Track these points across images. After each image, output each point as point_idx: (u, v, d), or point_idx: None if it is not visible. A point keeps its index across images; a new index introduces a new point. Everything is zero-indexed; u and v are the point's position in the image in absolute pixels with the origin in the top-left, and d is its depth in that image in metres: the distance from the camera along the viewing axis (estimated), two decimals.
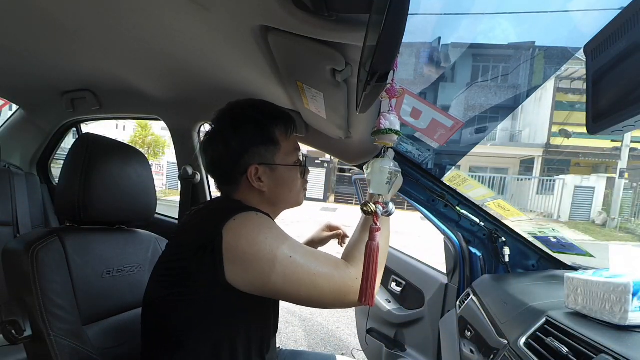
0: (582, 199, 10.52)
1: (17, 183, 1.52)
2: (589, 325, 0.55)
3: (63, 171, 0.81)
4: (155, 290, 0.63)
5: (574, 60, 10.07)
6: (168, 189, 12.45)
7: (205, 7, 0.57)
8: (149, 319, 0.66)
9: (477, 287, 0.92)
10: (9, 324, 0.67)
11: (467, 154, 13.05)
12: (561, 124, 11.76)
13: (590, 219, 10.39)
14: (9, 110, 2.27)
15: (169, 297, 0.60)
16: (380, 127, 0.51)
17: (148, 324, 0.67)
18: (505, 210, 0.91)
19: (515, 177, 12.81)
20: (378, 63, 0.34)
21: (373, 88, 0.40)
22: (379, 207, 0.53)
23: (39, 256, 0.69)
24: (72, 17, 0.74)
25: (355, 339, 2.32)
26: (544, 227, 0.94)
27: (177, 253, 0.62)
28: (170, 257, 0.63)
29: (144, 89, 1.20)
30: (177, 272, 0.59)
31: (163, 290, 0.61)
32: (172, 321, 0.60)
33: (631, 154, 10.35)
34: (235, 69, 0.89)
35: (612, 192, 10.05)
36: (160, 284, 0.62)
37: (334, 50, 0.55)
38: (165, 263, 0.64)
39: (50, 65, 1.10)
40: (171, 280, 0.60)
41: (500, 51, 12.05)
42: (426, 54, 7.68)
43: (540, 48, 10.34)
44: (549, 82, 11.84)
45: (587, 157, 12.20)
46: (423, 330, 1.27)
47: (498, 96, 10.94)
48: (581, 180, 10.71)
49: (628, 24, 0.34)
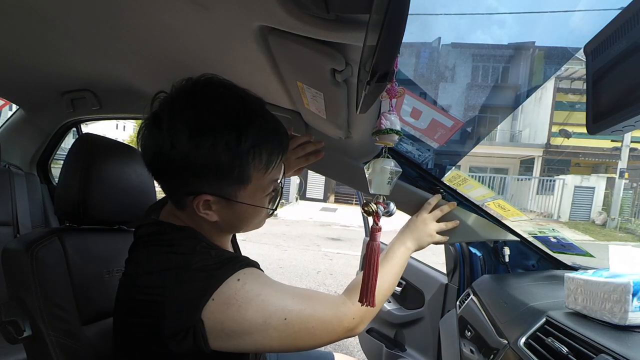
0: (582, 199, 10.52)
1: (17, 183, 1.52)
2: (589, 325, 0.55)
3: (63, 171, 0.81)
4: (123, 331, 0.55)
5: (574, 60, 10.07)
6: None
7: (205, 7, 0.57)
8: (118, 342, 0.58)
9: (477, 287, 0.92)
10: (9, 324, 0.67)
11: (467, 154, 13.06)
12: (561, 124, 11.77)
13: (590, 219, 10.39)
14: (9, 110, 2.27)
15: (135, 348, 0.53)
16: (381, 127, 0.52)
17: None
18: (505, 210, 0.91)
19: (515, 177, 12.82)
20: (378, 63, 0.34)
21: (373, 88, 0.40)
22: (380, 207, 0.53)
23: (39, 256, 0.69)
24: (72, 17, 0.74)
25: (355, 339, 2.32)
26: (544, 227, 0.94)
27: (142, 321, 0.50)
28: (133, 316, 0.52)
29: (144, 89, 1.20)
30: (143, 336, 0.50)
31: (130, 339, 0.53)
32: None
33: (631, 154, 10.36)
34: (235, 69, 0.89)
35: (612, 192, 10.05)
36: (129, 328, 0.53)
37: (334, 50, 0.55)
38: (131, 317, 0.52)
39: (50, 65, 1.10)
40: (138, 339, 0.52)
41: (500, 51, 12.05)
42: (426, 54, 7.69)
43: (540, 48, 10.34)
44: (549, 82, 11.85)
45: (587, 157, 12.21)
46: (423, 330, 1.27)
47: (498, 96, 10.95)
48: (581, 180, 10.71)
49: (628, 24, 0.34)
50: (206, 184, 0.51)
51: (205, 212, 0.53)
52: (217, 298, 0.47)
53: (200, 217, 0.53)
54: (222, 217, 0.55)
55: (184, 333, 0.47)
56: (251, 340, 0.50)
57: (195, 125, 0.48)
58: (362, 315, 0.59)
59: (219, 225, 0.56)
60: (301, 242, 5.74)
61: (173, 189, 0.54)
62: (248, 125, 0.50)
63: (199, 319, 0.46)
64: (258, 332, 0.49)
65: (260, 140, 0.51)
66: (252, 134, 0.50)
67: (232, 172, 0.50)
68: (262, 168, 0.53)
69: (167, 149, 0.48)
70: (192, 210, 0.53)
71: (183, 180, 0.51)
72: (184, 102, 0.50)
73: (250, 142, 0.49)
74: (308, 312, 0.53)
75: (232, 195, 0.52)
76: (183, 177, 0.50)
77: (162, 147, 0.48)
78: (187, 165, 0.49)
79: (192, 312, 0.46)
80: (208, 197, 0.52)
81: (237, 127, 0.49)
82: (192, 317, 0.46)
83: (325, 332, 0.55)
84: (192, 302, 0.47)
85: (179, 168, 0.49)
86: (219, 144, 0.48)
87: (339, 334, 0.56)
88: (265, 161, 0.52)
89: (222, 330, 0.48)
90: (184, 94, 0.51)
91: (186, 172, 0.50)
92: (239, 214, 0.56)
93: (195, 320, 0.46)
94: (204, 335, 0.47)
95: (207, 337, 0.47)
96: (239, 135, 0.49)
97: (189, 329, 0.47)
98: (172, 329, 0.47)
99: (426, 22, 6.62)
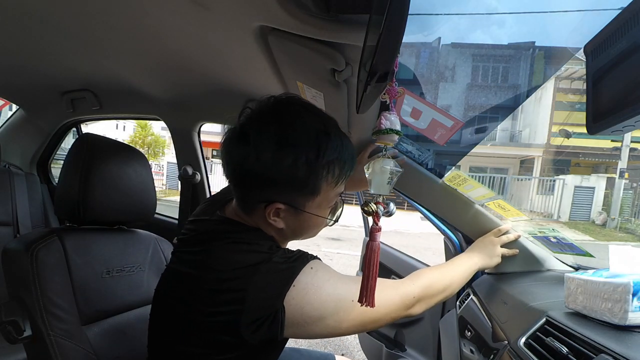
0: (582, 199, 10.51)
1: (17, 183, 1.52)
2: (589, 325, 0.55)
3: (63, 171, 0.81)
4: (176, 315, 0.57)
5: (574, 60, 10.06)
6: (168, 189, 12.45)
7: (205, 7, 0.57)
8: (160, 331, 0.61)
9: (477, 287, 0.92)
10: (9, 324, 0.67)
11: (467, 154, 13.05)
12: (561, 124, 11.76)
13: (590, 219, 10.38)
14: (9, 110, 2.27)
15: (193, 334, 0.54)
16: (381, 127, 0.51)
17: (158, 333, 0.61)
18: (505, 210, 0.91)
19: (515, 177, 12.81)
20: (378, 63, 0.34)
21: (373, 88, 0.40)
22: (380, 207, 0.53)
23: (39, 256, 0.69)
24: (72, 18, 0.74)
25: (355, 339, 2.32)
26: (544, 227, 0.94)
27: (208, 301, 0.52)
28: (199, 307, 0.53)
29: (144, 89, 1.20)
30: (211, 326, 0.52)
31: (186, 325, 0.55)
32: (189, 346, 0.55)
33: (631, 154, 10.35)
34: (235, 69, 0.89)
35: (612, 192, 10.04)
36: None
37: (334, 50, 0.55)
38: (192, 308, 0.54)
39: (50, 65, 1.10)
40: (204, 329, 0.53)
41: (500, 51, 12.05)
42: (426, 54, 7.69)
43: (540, 48, 10.34)
44: (549, 82, 11.84)
45: (587, 157, 12.20)
46: (423, 330, 1.27)
47: (498, 96, 10.95)
48: (581, 180, 10.70)
49: (628, 24, 0.34)
50: (281, 194, 0.55)
51: (274, 219, 0.57)
52: (297, 285, 0.52)
53: (268, 222, 0.58)
54: (288, 224, 0.59)
55: (262, 320, 0.50)
56: (323, 325, 0.53)
57: (280, 140, 0.52)
58: (421, 295, 0.64)
59: (283, 231, 0.60)
60: (301, 241, 5.72)
61: (248, 195, 0.58)
62: (327, 142, 0.54)
63: (281, 306, 0.50)
64: (330, 315, 0.53)
65: (335, 156, 0.55)
66: (330, 150, 0.54)
67: (306, 184, 0.54)
68: (333, 182, 0.57)
69: (251, 161, 0.53)
70: (261, 215, 0.58)
71: (260, 190, 0.55)
72: (270, 118, 0.54)
73: (327, 158, 0.54)
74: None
75: (301, 205, 0.57)
76: (261, 187, 0.55)
77: (247, 159, 0.53)
78: (267, 177, 0.53)
79: (275, 300, 0.50)
80: (280, 205, 0.56)
81: (317, 143, 0.53)
82: (274, 304, 0.50)
83: (388, 309, 0.59)
84: (276, 290, 0.51)
85: (259, 178, 0.54)
86: (300, 158, 0.52)
87: (400, 311, 0.61)
88: (336, 175, 0.56)
89: (301, 316, 0.52)
90: (270, 111, 0.55)
91: (265, 182, 0.54)
92: (303, 223, 0.60)
93: (278, 307, 0.50)
94: (282, 322, 0.51)
95: (285, 323, 0.51)
96: (318, 151, 0.53)
97: (269, 317, 0.50)
98: (252, 317, 0.50)
99: (426, 22, 6.62)
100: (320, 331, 0.55)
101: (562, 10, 10.86)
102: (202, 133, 1.41)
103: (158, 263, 0.94)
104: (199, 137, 1.40)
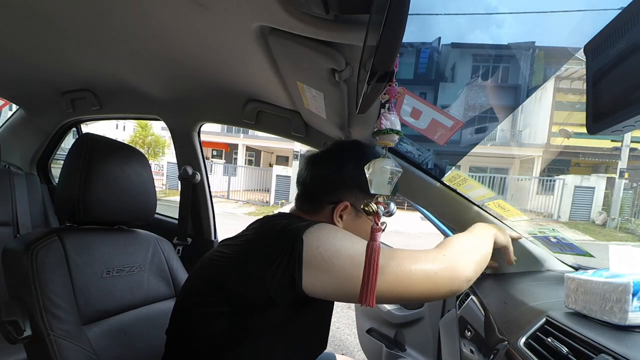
0: (582, 199, 10.51)
1: (17, 183, 1.52)
2: (589, 325, 0.55)
3: (63, 171, 0.81)
4: (202, 294, 0.60)
5: (574, 60, 10.06)
6: (168, 189, 12.45)
7: (205, 7, 0.57)
8: (184, 320, 0.63)
9: (477, 287, 0.92)
10: (9, 324, 0.67)
11: (467, 154, 13.05)
12: (561, 124, 11.76)
13: (590, 219, 10.38)
14: (9, 110, 2.27)
15: (218, 304, 0.57)
16: (381, 127, 0.51)
17: (180, 324, 0.64)
18: (505, 210, 0.91)
19: (515, 177, 12.81)
20: (378, 63, 0.34)
21: (373, 88, 0.40)
22: (380, 207, 0.53)
23: (39, 256, 0.69)
24: (72, 18, 0.74)
25: (355, 339, 2.32)
26: (544, 227, 0.94)
27: (243, 259, 0.58)
28: (231, 261, 0.59)
29: (144, 89, 1.20)
30: (239, 279, 0.57)
31: (215, 295, 0.58)
32: (216, 329, 0.58)
33: (631, 154, 10.35)
34: (235, 69, 0.89)
35: (612, 192, 10.04)
36: (214, 286, 0.59)
37: (334, 50, 0.55)
38: (223, 267, 0.59)
39: (50, 65, 1.10)
40: (229, 287, 0.57)
41: (500, 51, 12.05)
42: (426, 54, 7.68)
43: (540, 48, 10.35)
44: (549, 82, 11.84)
45: (587, 157, 12.20)
46: (423, 330, 1.27)
47: (498, 96, 10.95)
48: (581, 180, 10.70)
49: (628, 24, 0.34)
50: (350, 196, 0.68)
51: (338, 219, 0.68)
52: (319, 225, 0.58)
53: (332, 221, 0.67)
54: (347, 226, 0.68)
55: (282, 256, 0.54)
56: (340, 265, 0.54)
57: (358, 155, 0.70)
58: (445, 265, 0.61)
59: None
60: None
61: (321, 198, 0.69)
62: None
63: (300, 238, 0.55)
64: (347, 255, 0.54)
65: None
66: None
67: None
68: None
69: (334, 172, 0.69)
70: (327, 215, 0.69)
71: (335, 193, 0.69)
72: (350, 143, 0.75)
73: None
74: (400, 250, 0.59)
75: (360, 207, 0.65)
76: (337, 191, 0.69)
77: (330, 170, 0.69)
78: (345, 183, 0.68)
79: (296, 232, 0.56)
80: (347, 203, 0.68)
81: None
82: (295, 235, 0.55)
83: (417, 266, 0.57)
84: (298, 227, 0.57)
85: (338, 185, 0.68)
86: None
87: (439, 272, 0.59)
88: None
89: (317, 249, 0.54)
90: (347, 141, 0.77)
91: (341, 187, 0.68)
92: (359, 226, 0.69)
93: (297, 238, 0.54)
94: (300, 256, 0.53)
95: (303, 259, 0.53)
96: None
97: (287, 250, 0.54)
98: (275, 252, 0.54)
99: (426, 22, 6.62)
100: (341, 281, 0.54)
101: (562, 10, 10.86)
102: (202, 133, 1.42)
103: (158, 263, 0.94)
104: (199, 137, 1.40)
